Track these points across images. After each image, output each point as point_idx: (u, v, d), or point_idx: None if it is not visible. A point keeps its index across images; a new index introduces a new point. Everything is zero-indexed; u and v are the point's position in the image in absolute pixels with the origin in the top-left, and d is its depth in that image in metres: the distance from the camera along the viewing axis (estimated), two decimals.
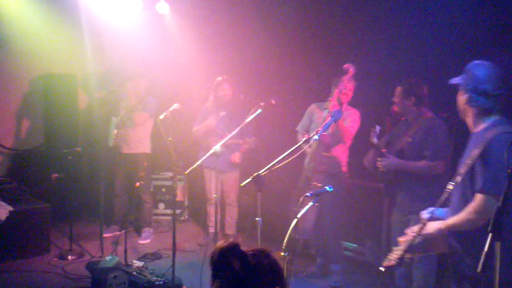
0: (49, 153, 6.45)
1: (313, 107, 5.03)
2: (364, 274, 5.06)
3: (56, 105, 6.49)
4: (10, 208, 5.22)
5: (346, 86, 4.65)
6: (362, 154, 4.86)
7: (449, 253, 2.81)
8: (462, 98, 2.77)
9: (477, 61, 2.76)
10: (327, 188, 3.37)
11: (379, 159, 4.10)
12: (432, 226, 2.77)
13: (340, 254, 5.06)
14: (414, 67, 4.85)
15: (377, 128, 4.09)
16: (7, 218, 5.14)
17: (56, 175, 6.05)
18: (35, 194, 5.91)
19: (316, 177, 4.67)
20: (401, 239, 2.93)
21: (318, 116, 4.88)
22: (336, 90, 4.66)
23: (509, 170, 2.05)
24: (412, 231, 2.87)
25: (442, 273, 4.04)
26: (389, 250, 2.95)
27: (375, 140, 4.08)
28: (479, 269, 1.95)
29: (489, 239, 1.99)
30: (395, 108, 4.21)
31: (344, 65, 4.58)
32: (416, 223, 3.92)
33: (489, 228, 2.01)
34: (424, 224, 2.81)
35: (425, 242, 2.80)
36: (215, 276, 1.81)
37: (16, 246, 5.26)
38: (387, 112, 4.54)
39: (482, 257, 1.97)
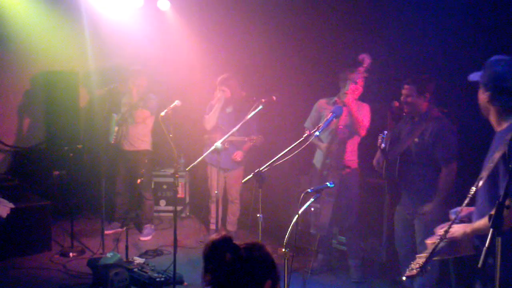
0: (50, 150, 6.45)
1: (321, 102, 4.92)
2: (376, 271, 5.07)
3: (57, 103, 6.48)
4: (12, 206, 5.22)
5: (361, 77, 4.49)
6: (363, 151, 4.84)
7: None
8: (483, 97, 2.63)
9: (497, 57, 2.61)
10: (328, 184, 3.35)
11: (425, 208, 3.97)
12: (458, 230, 2.67)
13: (358, 249, 4.98)
14: (416, 64, 4.84)
15: (385, 133, 4.03)
16: (8, 215, 5.14)
17: (57, 172, 6.04)
18: (36, 192, 5.92)
19: (332, 173, 4.60)
20: (428, 241, 2.82)
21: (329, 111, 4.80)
22: (352, 84, 4.50)
23: (511, 165, 2.04)
24: (440, 232, 2.74)
25: (444, 272, 4.03)
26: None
27: (383, 145, 4.00)
28: (479, 265, 1.94)
29: (490, 235, 1.98)
30: (396, 103, 4.15)
31: (359, 56, 4.44)
32: (421, 221, 3.92)
33: (490, 224, 1.99)
34: (451, 226, 2.70)
35: (451, 245, 2.69)
36: (206, 269, 1.80)
37: (17, 244, 5.26)
38: (388, 107, 4.50)
39: (483, 253, 1.96)
